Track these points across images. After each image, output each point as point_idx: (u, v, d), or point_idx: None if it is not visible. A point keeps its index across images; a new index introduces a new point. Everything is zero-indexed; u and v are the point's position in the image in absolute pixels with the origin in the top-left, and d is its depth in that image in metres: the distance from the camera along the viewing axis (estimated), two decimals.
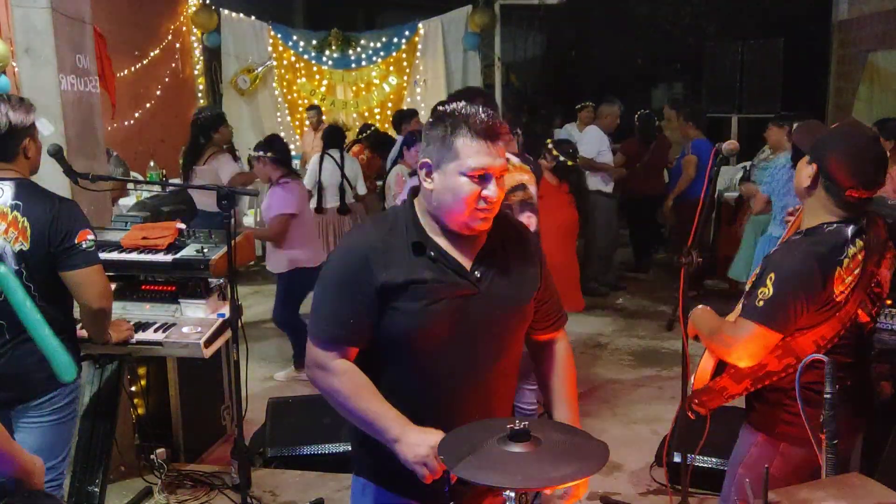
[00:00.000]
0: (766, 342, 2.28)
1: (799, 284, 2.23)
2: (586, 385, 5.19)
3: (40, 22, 3.56)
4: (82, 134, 3.74)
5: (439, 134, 1.87)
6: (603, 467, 1.63)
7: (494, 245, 1.97)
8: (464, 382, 1.93)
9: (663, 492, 3.79)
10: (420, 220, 1.94)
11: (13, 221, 2.64)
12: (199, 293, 3.53)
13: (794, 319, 2.26)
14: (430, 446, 1.80)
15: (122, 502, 3.71)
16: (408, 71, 10.09)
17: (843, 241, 2.26)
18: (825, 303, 2.26)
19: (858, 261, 2.27)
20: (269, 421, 4.31)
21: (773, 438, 2.40)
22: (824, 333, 2.29)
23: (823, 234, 2.29)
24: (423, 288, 1.87)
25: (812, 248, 2.27)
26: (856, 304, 2.30)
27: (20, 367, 2.69)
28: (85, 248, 2.71)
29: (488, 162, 1.84)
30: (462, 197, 1.84)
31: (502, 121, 1.90)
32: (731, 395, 2.45)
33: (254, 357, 4.62)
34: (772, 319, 2.24)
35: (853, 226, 2.28)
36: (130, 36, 8.48)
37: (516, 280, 1.99)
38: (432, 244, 1.91)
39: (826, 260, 2.24)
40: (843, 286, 2.25)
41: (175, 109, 9.35)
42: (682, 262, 3.16)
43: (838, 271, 2.24)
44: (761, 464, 2.38)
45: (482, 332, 1.93)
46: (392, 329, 1.90)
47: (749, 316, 2.28)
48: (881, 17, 7.71)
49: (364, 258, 1.88)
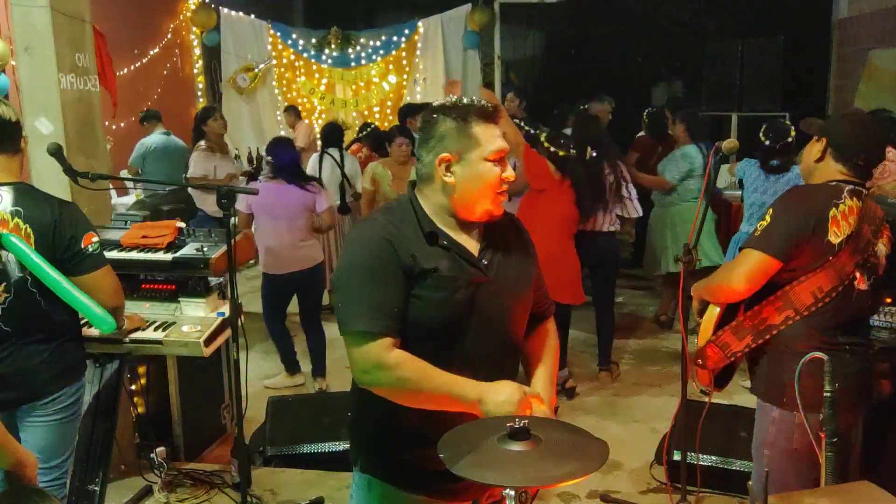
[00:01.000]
0: (765, 267, 2.41)
1: (796, 214, 2.42)
2: (586, 383, 5.19)
3: (40, 21, 3.56)
4: (82, 133, 3.73)
5: (452, 126, 1.90)
6: (603, 466, 1.63)
7: (494, 233, 2.01)
8: (478, 368, 1.93)
9: (663, 490, 3.79)
10: (427, 211, 1.96)
11: (15, 228, 2.61)
12: (199, 292, 3.53)
13: (791, 249, 2.40)
14: (511, 392, 1.82)
15: (123, 501, 3.71)
16: (407, 69, 10.08)
17: (842, 191, 2.46)
18: (820, 240, 2.40)
19: (854, 212, 2.43)
20: (268, 419, 4.31)
21: (786, 410, 2.46)
22: (821, 284, 2.40)
23: (823, 185, 2.51)
24: (442, 277, 1.89)
25: (812, 190, 2.53)
26: (851, 260, 2.41)
27: (26, 367, 2.69)
28: (92, 252, 2.71)
29: (503, 144, 1.94)
30: (490, 182, 1.91)
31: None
32: (733, 352, 2.53)
33: (254, 356, 4.62)
34: (769, 245, 2.41)
35: (852, 186, 2.48)
36: (130, 34, 8.48)
37: (519, 266, 2.04)
38: (443, 234, 1.94)
39: (823, 200, 2.44)
40: (837, 230, 2.41)
41: (175, 108, 9.33)
42: (682, 261, 3.16)
43: (833, 212, 2.42)
44: (783, 439, 2.47)
45: (494, 318, 1.97)
46: (415, 319, 1.90)
47: (748, 244, 2.46)
48: (881, 15, 7.71)
49: (388, 243, 1.89)
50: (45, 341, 2.72)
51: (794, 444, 2.45)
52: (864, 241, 2.43)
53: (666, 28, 10.88)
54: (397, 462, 1.97)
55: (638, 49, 11.22)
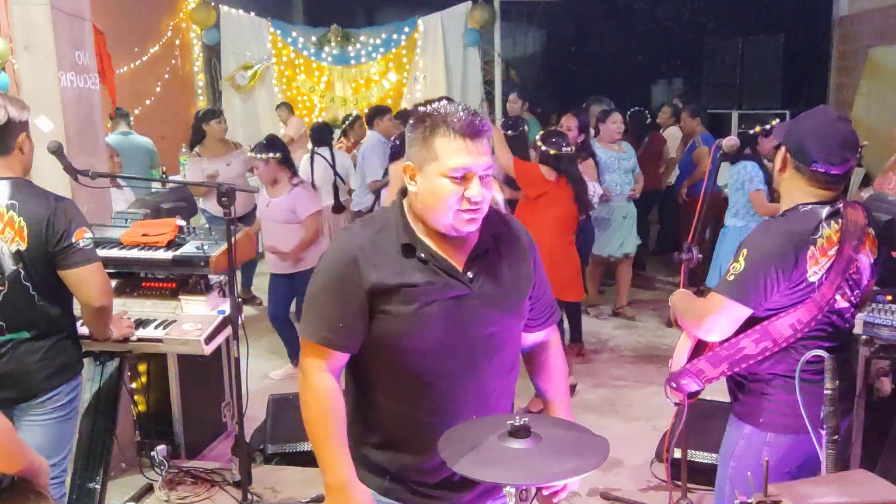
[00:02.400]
0: (735, 315, 2.30)
1: (770, 259, 2.25)
2: (586, 381, 5.19)
3: (39, 19, 3.56)
4: (82, 131, 3.73)
5: (419, 135, 1.83)
6: (603, 463, 1.63)
7: (486, 244, 1.94)
8: (459, 382, 1.91)
9: (663, 488, 3.79)
10: (409, 221, 1.90)
11: (9, 221, 2.63)
12: (200, 290, 3.53)
13: (765, 295, 2.26)
14: None
15: (123, 499, 3.71)
16: (407, 67, 10.08)
17: (818, 222, 2.27)
18: (798, 282, 2.26)
19: (833, 242, 2.27)
20: (269, 417, 4.31)
21: (759, 429, 2.40)
22: (801, 317, 2.29)
23: (798, 214, 2.31)
24: (414, 291, 1.84)
25: (786, 226, 2.30)
26: (833, 288, 2.29)
27: (21, 366, 2.69)
28: (82, 247, 2.70)
29: (468, 161, 1.79)
30: (444, 199, 1.80)
31: (483, 118, 1.85)
32: (707, 380, 2.44)
33: (254, 354, 4.62)
34: (741, 293, 2.27)
35: (829, 207, 2.29)
36: (130, 32, 8.47)
37: (510, 278, 1.96)
38: (422, 245, 1.87)
39: (799, 238, 2.26)
40: (816, 266, 2.26)
41: (174, 106, 9.34)
42: (682, 259, 3.16)
43: (811, 250, 2.25)
44: (751, 455, 2.40)
45: (476, 332, 1.90)
46: (384, 333, 1.87)
47: (719, 290, 2.32)
48: (881, 13, 7.70)
49: (353, 259, 1.85)
50: (41, 339, 2.72)
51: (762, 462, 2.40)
52: (846, 261, 2.30)
53: (666, 26, 10.89)
54: (368, 465, 1.99)
55: (638, 47, 11.23)
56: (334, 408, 1.92)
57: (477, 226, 1.87)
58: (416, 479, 1.96)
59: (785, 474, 2.28)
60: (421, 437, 1.89)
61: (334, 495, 1.93)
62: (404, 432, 1.94)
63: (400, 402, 1.93)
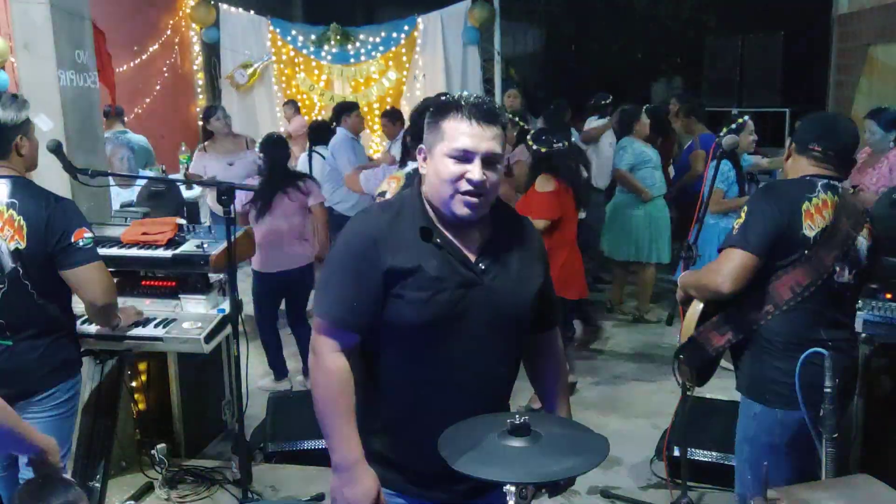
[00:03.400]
0: (745, 263, 2.44)
1: (768, 209, 2.46)
2: (586, 379, 5.19)
3: (39, 17, 3.55)
4: (82, 129, 3.73)
5: (433, 119, 1.89)
6: (603, 461, 1.63)
7: (499, 238, 1.96)
8: (463, 372, 1.93)
9: (663, 486, 3.79)
10: (427, 207, 1.94)
11: (9, 220, 2.63)
12: (200, 288, 3.53)
13: (767, 242, 2.43)
14: (365, 495, 1.88)
15: (123, 497, 3.71)
16: (407, 66, 10.07)
17: (813, 186, 2.50)
18: (794, 233, 2.43)
19: (829, 206, 2.46)
20: (269, 416, 4.31)
21: (768, 407, 2.49)
22: (799, 279, 2.44)
23: (797, 180, 2.57)
24: (428, 277, 1.86)
25: (785, 186, 2.60)
26: (829, 255, 2.43)
27: (21, 363, 2.69)
28: (82, 246, 2.70)
29: (473, 143, 1.82)
30: (445, 177, 1.84)
31: (499, 106, 1.91)
32: (715, 348, 2.57)
33: (254, 352, 4.62)
34: (746, 242, 2.44)
35: (827, 180, 2.52)
36: (129, 31, 8.48)
37: (521, 274, 1.98)
38: (438, 231, 1.91)
39: (797, 194, 2.49)
40: (811, 221, 2.44)
41: (174, 105, 9.35)
42: (682, 257, 3.17)
43: (806, 206, 2.46)
44: (763, 436, 2.48)
45: (483, 324, 1.92)
46: (394, 317, 1.89)
47: (727, 243, 2.50)
48: (881, 11, 7.69)
49: (372, 241, 1.88)
50: (40, 336, 2.72)
51: (775, 441, 2.46)
52: (843, 234, 2.44)
53: (666, 23, 10.88)
54: (386, 463, 1.99)
55: (638, 45, 11.23)
56: (345, 388, 1.92)
57: (476, 213, 1.88)
58: (417, 468, 1.96)
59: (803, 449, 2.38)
60: (423, 424, 1.88)
61: (342, 475, 1.92)
62: (406, 419, 1.95)
63: (403, 389, 1.94)
